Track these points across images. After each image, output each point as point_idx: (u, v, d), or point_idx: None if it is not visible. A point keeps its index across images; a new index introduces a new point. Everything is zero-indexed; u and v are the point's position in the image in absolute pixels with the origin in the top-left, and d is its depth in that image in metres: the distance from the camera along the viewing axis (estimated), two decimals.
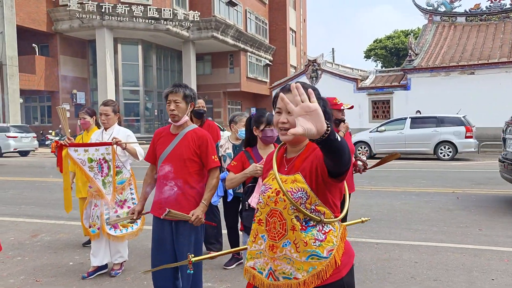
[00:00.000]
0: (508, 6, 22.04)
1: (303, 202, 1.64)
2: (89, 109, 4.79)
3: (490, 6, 22.43)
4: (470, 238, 5.17)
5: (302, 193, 1.64)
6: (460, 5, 23.29)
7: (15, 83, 22.14)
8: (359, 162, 4.29)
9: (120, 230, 3.99)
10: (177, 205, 2.82)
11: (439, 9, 23.49)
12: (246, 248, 1.99)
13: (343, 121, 4.00)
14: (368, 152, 15.27)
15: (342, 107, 3.93)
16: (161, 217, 2.75)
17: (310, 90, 1.38)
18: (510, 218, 6.16)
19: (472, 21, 22.70)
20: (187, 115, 2.91)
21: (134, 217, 3.02)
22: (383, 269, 4.15)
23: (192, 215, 2.73)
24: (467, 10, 22.98)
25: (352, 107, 4.17)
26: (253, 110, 33.61)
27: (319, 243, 1.64)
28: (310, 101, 1.33)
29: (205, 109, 4.64)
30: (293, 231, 1.65)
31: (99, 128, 4.52)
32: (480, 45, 20.70)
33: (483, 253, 4.54)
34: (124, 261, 4.19)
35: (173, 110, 2.85)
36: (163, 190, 2.85)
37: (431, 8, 23.58)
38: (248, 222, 2.85)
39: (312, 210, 1.66)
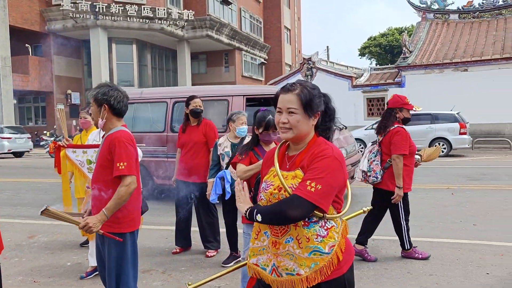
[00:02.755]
0: (501, 2, 22.17)
1: None
2: (90, 108, 4.79)
3: (482, 3, 22.56)
4: (465, 233, 5.23)
5: None
6: (453, 2, 23.46)
7: (8, 84, 22.00)
8: (416, 157, 4.49)
9: None
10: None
11: (432, 6, 23.59)
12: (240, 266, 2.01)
13: (410, 119, 4.31)
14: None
15: (413, 108, 4.26)
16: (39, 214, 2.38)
17: None
18: (504, 213, 6.23)
19: (465, 18, 22.82)
20: (103, 118, 2.64)
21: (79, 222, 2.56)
22: (380, 265, 4.19)
23: (84, 221, 2.43)
24: (460, 8, 23.10)
25: (421, 109, 4.57)
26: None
27: (321, 238, 1.66)
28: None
29: (202, 108, 4.65)
30: (295, 227, 1.66)
31: (97, 128, 4.52)
32: (473, 42, 20.82)
33: (478, 248, 4.59)
34: None
35: (90, 114, 2.70)
36: (91, 198, 2.70)
37: (424, 5, 23.68)
38: None
39: None
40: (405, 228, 4.34)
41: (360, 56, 48.18)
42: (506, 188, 8.16)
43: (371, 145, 4.53)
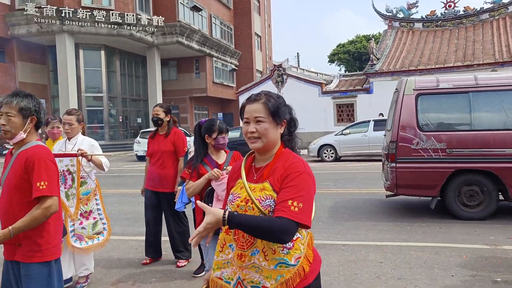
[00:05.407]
0: (461, 12, 23.14)
1: (271, 210, 1.65)
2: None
3: (445, 12, 23.47)
4: (431, 236, 5.38)
5: (270, 201, 1.66)
6: (417, 12, 24.31)
7: None
8: None
9: (86, 241, 3.90)
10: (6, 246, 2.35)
11: (397, 15, 24.33)
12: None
13: None
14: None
15: None
16: None
17: None
18: None
19: (428, 27, 23.66)
20: (25, 131, 2.35)
21: None
22: (350, 270, 4.26)
23: None
24: (424, 17, 23.93)
25: None
26: (220, 115, 33.52)
27: (287, 250, 1.67)
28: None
29: (160, 116, 4.47)
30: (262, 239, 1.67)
31: (63, 138, 4.39)
32: (437, 50, 21.59)
33: (443, 251, 4.74)
34: (90, 274, 4.09)
35: (4, 125, 2.32)
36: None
37: (390, 14, 24.40)
38: None
39: None
40: None
41: (329, 63, 49.14)
42: None
43: None
